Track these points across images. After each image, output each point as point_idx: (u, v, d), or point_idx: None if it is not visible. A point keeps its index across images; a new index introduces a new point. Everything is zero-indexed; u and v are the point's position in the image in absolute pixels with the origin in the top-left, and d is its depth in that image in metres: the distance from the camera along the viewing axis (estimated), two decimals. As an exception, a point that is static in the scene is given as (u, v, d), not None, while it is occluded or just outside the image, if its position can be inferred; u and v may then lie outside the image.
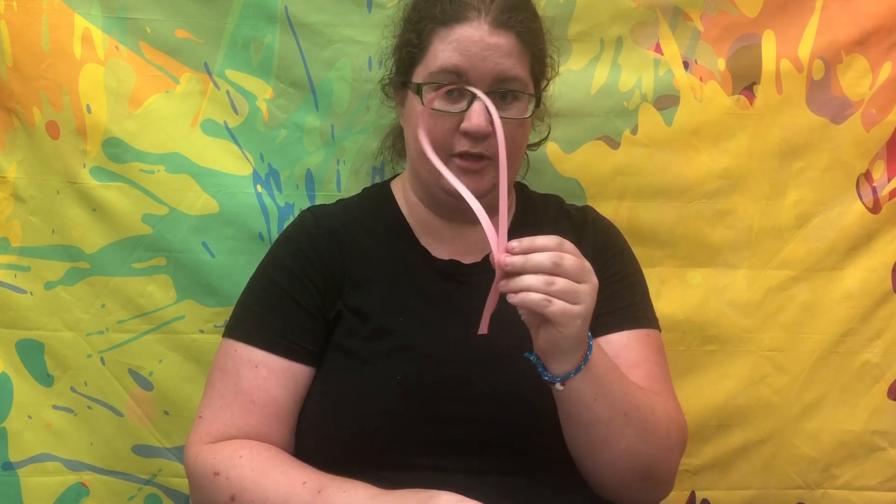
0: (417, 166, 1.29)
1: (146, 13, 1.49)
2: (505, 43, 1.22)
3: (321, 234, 1.31)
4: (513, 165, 1.28)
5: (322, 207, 1.40)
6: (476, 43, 1.21)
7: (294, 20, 1.50)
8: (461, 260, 1.31)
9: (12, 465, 1.55)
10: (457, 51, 1.21)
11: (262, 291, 1.30)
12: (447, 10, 1.23)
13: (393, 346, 1.24)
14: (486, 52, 1.21)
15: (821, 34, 1.54)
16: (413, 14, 1.29)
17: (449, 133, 1.23)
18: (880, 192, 1.58)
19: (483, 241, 1.28)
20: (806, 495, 1.60)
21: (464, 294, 1.28)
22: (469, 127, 1.21)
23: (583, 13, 1.52)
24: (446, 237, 1.32)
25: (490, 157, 1.23)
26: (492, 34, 1.21)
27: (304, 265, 1.28)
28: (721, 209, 1.56)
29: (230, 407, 1.24)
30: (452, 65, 1.21)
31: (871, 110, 1.56)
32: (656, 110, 1.54)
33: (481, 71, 1.21)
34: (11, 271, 1.52)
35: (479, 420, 1.20)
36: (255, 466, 1.18)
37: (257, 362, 1.24)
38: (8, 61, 1.47)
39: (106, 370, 1.54)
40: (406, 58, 1.28)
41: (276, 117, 1.53)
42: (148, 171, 1.50)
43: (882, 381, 1.60)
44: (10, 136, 1.51)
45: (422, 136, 1.19)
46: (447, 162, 1.22)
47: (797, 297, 1.58)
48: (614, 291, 1.29)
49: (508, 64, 1.22)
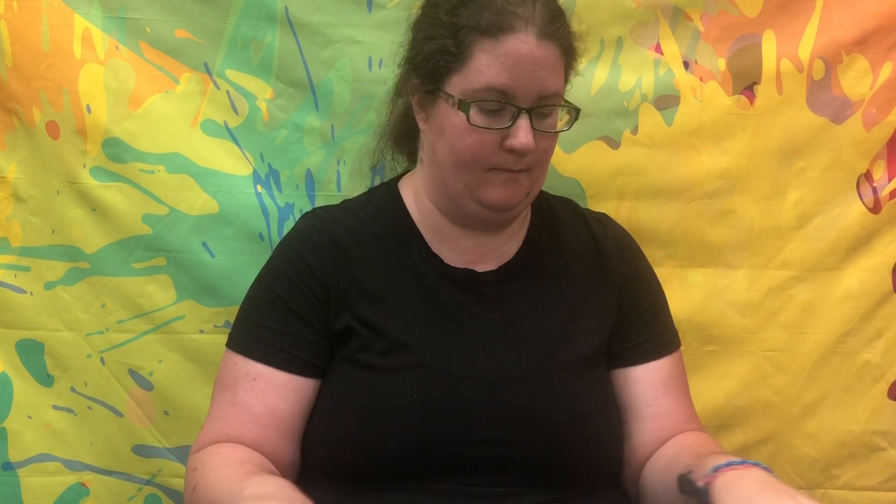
0: (450, 178, 1.23)
1: (146, 13, 1.49)
2: (550, 56, 1.17)
3: (324, 243, 1.27)
4: (542, 175, 1.25)
5: (326, 210, 1.35)
6: (524, 57, 1.15)
7: (294, 20, 1.50)
8: (475, 268, 1.28)
9: (12, 465, 1.55)
10: (505, 66, 1.15)
11: (261, 303, 1.27)
12: (493, 19, 1.15)
13: (409, 362, 1.20)
14: (533, 68, 1.16)
15: (821, 34, 1.54)
16: (448, 18, 1.19)
17: (491, 149, 1.18)
18: (880, 192, 1.58)
19: (498, 249, 1.29)
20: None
21: (479, 305, 1.25)
22: (517, 144, 1.16)
23: (583, 13, 1.50)
24: (461, 245, 1.28)
25: (528, 169, 1.20)
26: (539, 47, 1.15)
27: (305, 276, 1.24)
28: (721, 209, 1.56)
29: (226, 417, 1.22)
30: (501, 83, 1.15)
31: (872, 110, 1.56)
32: (656, 110, 1.54)
33: (527, 89, 1.16)
34: (11, 271, 1.52)
35: (498, 441, 1.18)
36: (222, 460, 1.16)
37: (256, 374, 1.22)
38: (8, 61, 1.47)
39: (106, 370, 1.54)
40: (441, 66, 1.19)
41: (276, 117, 1.53)
42: (148, 171, 1.50)
43: (882, 381, 1.60)
44: (10, 136, 1.51)
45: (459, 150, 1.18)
46: (483, 176, 1.20)
47: (797, 297, 1.58)
48: (647, 320, 1.31)
49: (553, 79, 1.18)
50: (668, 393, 1.30)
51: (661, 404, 1.29)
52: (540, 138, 1.18)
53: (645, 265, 1.38)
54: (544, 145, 1.21)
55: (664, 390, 1.30)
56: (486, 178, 1.20)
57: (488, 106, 1.17)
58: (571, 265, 1.31)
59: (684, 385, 1.34)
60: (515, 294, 1.27)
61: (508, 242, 1.30)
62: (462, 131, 1.18)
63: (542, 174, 1.25)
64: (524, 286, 1.28)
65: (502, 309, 1.26)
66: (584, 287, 1.30)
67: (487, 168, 1.19)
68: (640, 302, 1.32)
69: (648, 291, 1.35)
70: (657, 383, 1.30)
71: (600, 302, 1.30)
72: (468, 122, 1.17)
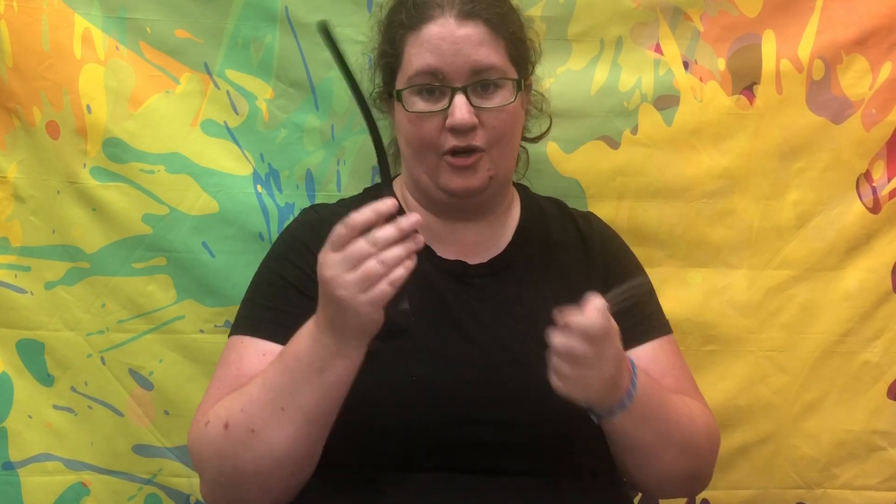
0: (414, 170, 1.29)
1: (146, 13, 1.49)
2: (474, 33, 1.22)
3: (324, 229, 1.24)
4: (505, 156, 1.28)
5: (324, 205, 1.39)
6: (445, 39, 1.22)
7: (294, 20, 1.50)
8: (466, 261, 1.30)
9: (13, 464, 1.55)
10: (429, 51, 1.22)
11: (267, 287, 1.28)
12: (413, 13, 1.24)
13: (407, 346, 1.21)
14: (457, 46, 1.21)
15: (821, 34, 1.54)
16: (385, 24, 1.30)
17: (436, 133, 1.23)
18: (880, 192, 1.58)
19: (486, 241, 1.30)
20: (806, 495, 1.60)
21: (472, 295, 1.27)
22: (453, 122, 1.21)
23: (583, 13, 1.52)
24: (449, 239, 1.31)
25: (482, 149, 1.23)
26: (459, 27, 1.22)
27: (308, 258, 1.23)
28: (721, 209, 1.56)
29: (228, 389, 1.19)
30: (427, 65, 1.22)
31: (871, 110, 1.56)
32: (656, 110, 1.54)
33: (456, 66, 1.21)
34: (12, 271, 1.53)
35: (496, 421, 1.19)
36: (238, 392, 1.16)
37: (265, 351, 1.21)
38: (8, 61, 1.47)
39: (106, 370, 1.54)
40: (386, 68, 1.29)
41: (276, 117, 1.53)
42: (148, 171, 1.50)
43: (882, 380, 1.60)
44: (10, 136, 1.51)
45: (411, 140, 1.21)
46: (439, 162, 1.24)
47: (797, 297, 1.58)
48: (633, 305, 1.26)
49: (482, 53, 1.22)
50: (668, 377, 1.29)
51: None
52: (486, 115, 1.22)
53: (629, 260, 1.39)
54: (493, 122, 1.23)
55: (663, 373, 1.29)
56: (441, 165, 1.24)
57: (423, 90, 1.22)
58: (560, 257, 1.33)
59: (686, 371, 1.34)
60: (507, 285, 1.29)
61: (497, 235, 1.32)
62: (409, 121, 1.25)
63: (506, 155, 1.28)
64: (515, 278, 1.30)
65: (495, 299, 1.27)
66: (573, 278, 1.30)
67: (441, 153, 1.23)
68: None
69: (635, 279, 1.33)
70: (654, 365, 1.28)
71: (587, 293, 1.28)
72: (405, 109, 1.23)
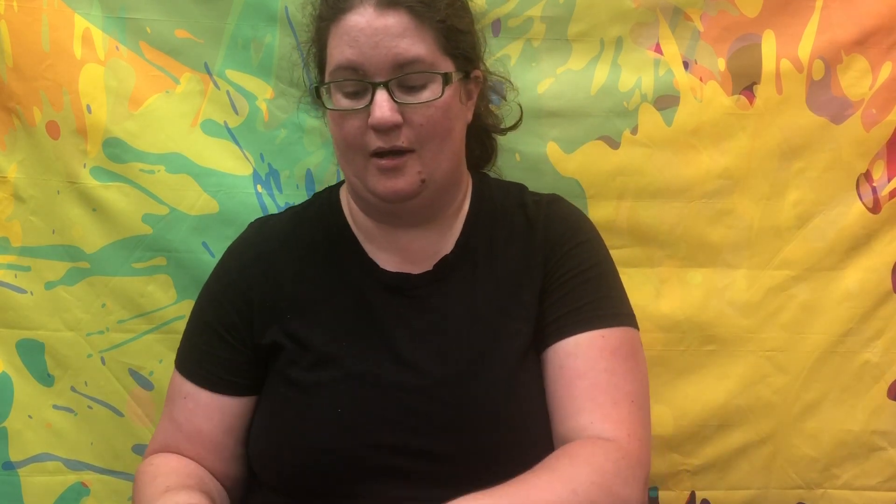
0: (345, 171, 1.22)
1: (146, 13, 1.49)
2: (395, 23, 1.12)
3: (252, 258, 1.27)
4: (440, 156, 1.18)
5: (269, 220, 1.35)
6: (363, 30, 1.12)
7: (294, 20, 1.50)
8: (411, 271, 1.24)
9: (13, 464, 1.55)
10: (347, 44, 1.13)
11: (195, 321, 1.30)
12: (333, 3, 1.16)
13: (336, 375, 1.18)
14: (376, 38, 1.12)
15: (821, 34, 1.54)
16: (312, 18, 1.22)
17: (360, 132, 1.15)
18: (880, 192, 1.58)
19: (432, 246, 1.24)
20: (806, 495, 1.60)
21: (413, 308, 1.22)
22: (373, 121, 1.12)
23: (583, 13, 1.52)
24: (392, 246, 1.25)
25: (410, 149, 1.15)
26: (378, 16, 1.12)
27: (230, 293, 1.26)
28: (721, 209, 1.56)
29: (165, 431, 1.29)
30: (345, 59, 1.14)
31: (871, 110, 1.56)
32: (656, 110, 1.54)
33: (375, 60, 1.12)
34: (12, 271, 1.53)
35: (427, 450, 1.14)
36: (152, 474, 1.21)
37: (186, 394, 1.26)
38: (8, 61, 1.47)
39: (106, 370, 1.54)
40: (316, 63, 1.22)
41: (276, 117, 1.53)
42: (148, 171, 1.50)
43: (882, 380, 1.60)
44: (10, 136, 1.51)
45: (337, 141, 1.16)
46: (366, 164, 1.16)
47: (797, 297, 1.58)
48: (567, 291, 1.20)
49: (404, 45, 1.13)
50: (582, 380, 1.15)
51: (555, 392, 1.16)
52: (411, 112, 1.13)
53: (574, 244, 1.24)
54: (420, 119, 1.14)
55: (578, 375, 1.15)
56: (368, 167, 1.16)
57: (345, 87, 1.15)
58: (504, 254, 1.24)
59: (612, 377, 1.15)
60: (448, 294, 1.22)
61: (443, 239, 1.26)
62: (333, 120, 1.17)
63: (438, 154, 1.17)
64: (457, 284, 1.23)
65: (434, 312, 1.22)
66: (515, 273, 1.23)
67: (367, 154, 1.16)
68: (562, 273, 1.21)
69: (577, 262, 1.22)
70: (571, 362, 1.16)
71: (531, 283, 1.22)
72: (324, 106, 1.17)
